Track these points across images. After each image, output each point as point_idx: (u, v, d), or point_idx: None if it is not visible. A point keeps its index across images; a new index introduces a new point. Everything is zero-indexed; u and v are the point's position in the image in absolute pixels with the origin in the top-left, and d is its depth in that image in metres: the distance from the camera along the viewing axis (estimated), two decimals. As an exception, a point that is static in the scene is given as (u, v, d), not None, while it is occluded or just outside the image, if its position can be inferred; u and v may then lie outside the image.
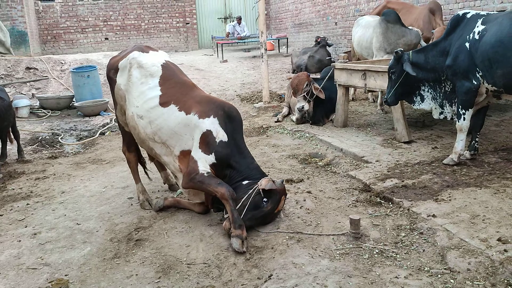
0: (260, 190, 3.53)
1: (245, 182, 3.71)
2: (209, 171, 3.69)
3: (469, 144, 4.68)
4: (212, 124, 3.76)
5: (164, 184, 4.81)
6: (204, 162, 3.72)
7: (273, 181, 3.56)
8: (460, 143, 4.48)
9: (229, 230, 3.45)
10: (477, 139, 4.65)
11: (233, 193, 3.54)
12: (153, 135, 3.97)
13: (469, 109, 4.37)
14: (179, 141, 3.87)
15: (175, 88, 4.03)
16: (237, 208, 3.50)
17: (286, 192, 3.71)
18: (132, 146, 4.47)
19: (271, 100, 8.86)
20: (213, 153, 3.73)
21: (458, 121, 4.45)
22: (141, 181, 4.49)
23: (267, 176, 3.77)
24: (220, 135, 3.75)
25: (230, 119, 3.85)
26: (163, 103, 3.95)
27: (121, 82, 4.21)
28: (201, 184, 3.65)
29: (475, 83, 4.25)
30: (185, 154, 3.85)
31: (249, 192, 3.56)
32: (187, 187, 3.79)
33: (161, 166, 4.75)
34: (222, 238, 3.54)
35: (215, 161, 3.73)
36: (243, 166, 3.79)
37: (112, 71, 4.33)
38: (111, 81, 4.36)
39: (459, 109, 4.42)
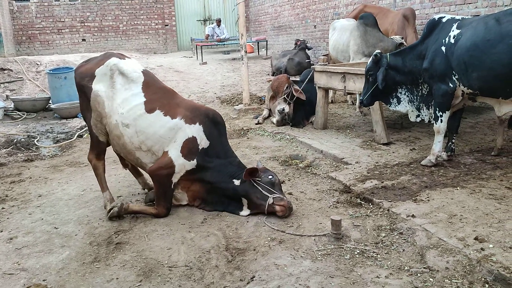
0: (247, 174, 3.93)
1: (236, 182, 3.98)
2: (177, 180, 3.99)
3: (446, 145, 4.78)
4: (197, 131, 3.99)
5: (144, 189, 4.72)
6: (182, 168, 3.96)
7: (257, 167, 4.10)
8: (437, 144, 4.57)
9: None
10: (453, 141, 4.76)
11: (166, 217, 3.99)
12: (140, 144, 4.03)
13: (446, 111, 4.47)
14: (163, 144, 4.01)
15: (159, 94, 4.14)
16: (261, 194, 3.85)
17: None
18: (102, 154, 4.34)
19: (251, 102, 8.88)
20: (195, 160, 3.97)
21: (436, 123, 4.54)
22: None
23: (247, 167, 4.07)
24: (203, 142, 4.01)
25: (215, 124, 4.11)
26: (149, 109, 4.03)
27: (100, 89, 4.10)
28: (162, 189, 3.94)
29: (452, 86, 4.35)
30: (166, 155, 4.00)
31: (255, 183, 3.91)
32: (152, 174, 3.99)
33: (137, 172, 4.69)
34: (204, 240, 3.52)
35: (195, 167, 3.99)
36: (226, 165, 4.07)
37: (87, 78, 4.17)
38: (85, 88, 4.17)
39: (436, 112, 4.51)
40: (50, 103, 9.97)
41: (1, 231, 3.89)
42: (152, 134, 3.97)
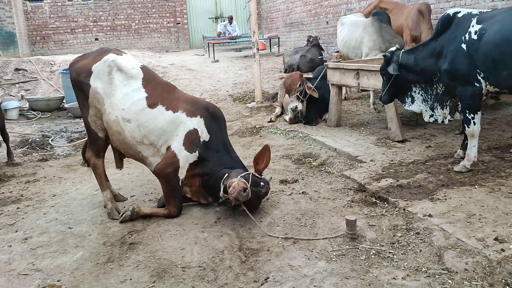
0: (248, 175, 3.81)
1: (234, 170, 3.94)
2: (184, 176, 3.97)
3: (462, 143, 4.67)
4: (198, 123, 4.02)
5: None
6: (185, 161, 3.96)
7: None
8: (472, 149, 4.27)
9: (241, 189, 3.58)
10: None
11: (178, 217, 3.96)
12: (142, 138, 4.04)
13: (478, 112, 4.18)
14: (166, 139, 4.03)
15: (159, 90, 4.16)
16: (239, 178, 3.69)
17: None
18: (101, 152, 4.29)
19: (263, 100, 8.82)
20: (196, 152, 3.98)
21: (468, 127, 4.24)
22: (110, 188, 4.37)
23: (248, 170, 3.95)
24: (204, 135, 4.03)
25: (215, 118, 4.13)
26: (151, 104, 4.06)
27: (99, 85, 4.07)
28: (171, 188, 3.93)
29: (478, 85, 4.07)
30: (169, 149, 4.02)
31: (248, 172, 3.81)
32: (158, 174, 4.01)
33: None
34: (217, 240, 3.50)
35: (197, 159, 4.00)
36: (227, 159, 4.08)
37: (84, 74, 4.10)
38: (83, 85, 4.10)
39: (467, 114, 4.21)
40: (64, 103, 10.06)
41: (16, 231, 3.92)
42: (154, 128, 3.99)
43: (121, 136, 4.07)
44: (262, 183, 3.83)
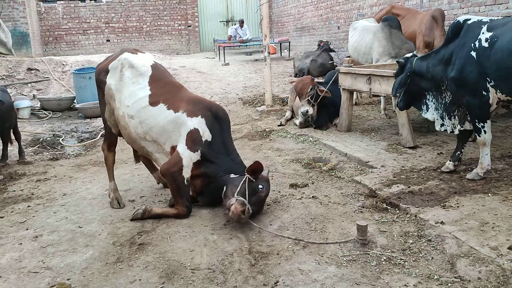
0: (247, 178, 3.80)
1: (232, 176, 3.94)
2: (189, 175, 3.96)
3: (453, 154, 4.52)
4: (199, 123, 4.02)
5: (158, 184, 4.88)
6: (188, 161, 3.95)
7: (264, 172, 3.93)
8: (485, 157, 4.20)
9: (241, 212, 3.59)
10: (462, 150, 4.48)
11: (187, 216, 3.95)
12: (144, 134, 4.18)
13: (487, 121, 4.11)
14: (169, 138, 4.11)
15: (164, 88, 4.26)
16: (236, 194, 3.70)
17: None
18: (113, 146, 4.64)
19: (273, 104, 8.81)
20: (198, 151, 3.98)
21: (479, 136, 4.16)
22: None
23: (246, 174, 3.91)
24: (206, 135, 4.01)
25: (217, 119, 4.11)
26: (153, 102, 4.17)
27: (112, 82, 4.35)
28: (176, 187, 3.93)
29: (486, 94, 3.99)
30: (175, 149, 4.08)
31: (243, 180, 3.78)
32: (164, 174, 4.04)
33: (152, 167, 4.86)
34: (227, 243, 3.49)
35: (200, 159, 3.99)
36: (227, 161, 4.05)
37: (103, 73, 4.46)
38: (101, 83, 4.46)
39: (476, 123, 4.14)
40: (75, 103, 10.14)
41: (27, 229, 3.94)
42: (155, 126, 4.10)
43: (126, 131, 4.29)
44: (260, 186, 3.78)
